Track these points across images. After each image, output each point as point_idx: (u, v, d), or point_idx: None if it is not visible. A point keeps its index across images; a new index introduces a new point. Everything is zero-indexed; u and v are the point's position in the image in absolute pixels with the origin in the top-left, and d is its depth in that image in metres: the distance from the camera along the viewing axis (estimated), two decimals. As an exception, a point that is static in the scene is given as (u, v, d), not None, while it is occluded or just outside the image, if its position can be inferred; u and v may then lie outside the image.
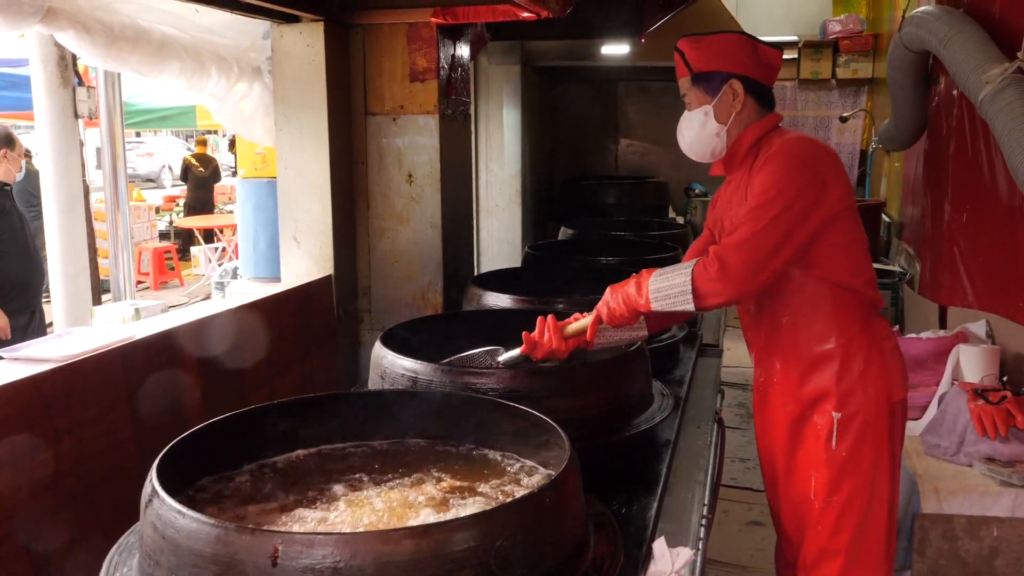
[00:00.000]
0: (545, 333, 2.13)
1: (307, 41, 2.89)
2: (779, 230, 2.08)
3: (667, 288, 2.10)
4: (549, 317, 2.16)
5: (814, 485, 2.26)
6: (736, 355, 5.47)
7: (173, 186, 17.38)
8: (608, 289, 2.20)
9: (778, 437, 2.36)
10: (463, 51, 3.23)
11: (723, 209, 2.36)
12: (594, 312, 2.18)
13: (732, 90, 2.24)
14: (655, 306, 2.12)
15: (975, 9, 2.90)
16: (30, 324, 4.75)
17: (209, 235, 11.25)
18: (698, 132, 2.29)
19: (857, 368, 2.20)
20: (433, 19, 2.93)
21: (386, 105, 3.06)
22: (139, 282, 10.60)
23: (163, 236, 12.66)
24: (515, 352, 2.13)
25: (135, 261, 10.53)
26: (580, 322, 2.19)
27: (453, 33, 3.11)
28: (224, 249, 10.42)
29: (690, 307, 2.09)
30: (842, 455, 2.20)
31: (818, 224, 2.13)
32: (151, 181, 20.77)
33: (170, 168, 21.04)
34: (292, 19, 2.87)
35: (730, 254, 2.08)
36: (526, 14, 2.83)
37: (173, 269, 11.14)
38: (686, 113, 2.32)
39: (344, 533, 1.22)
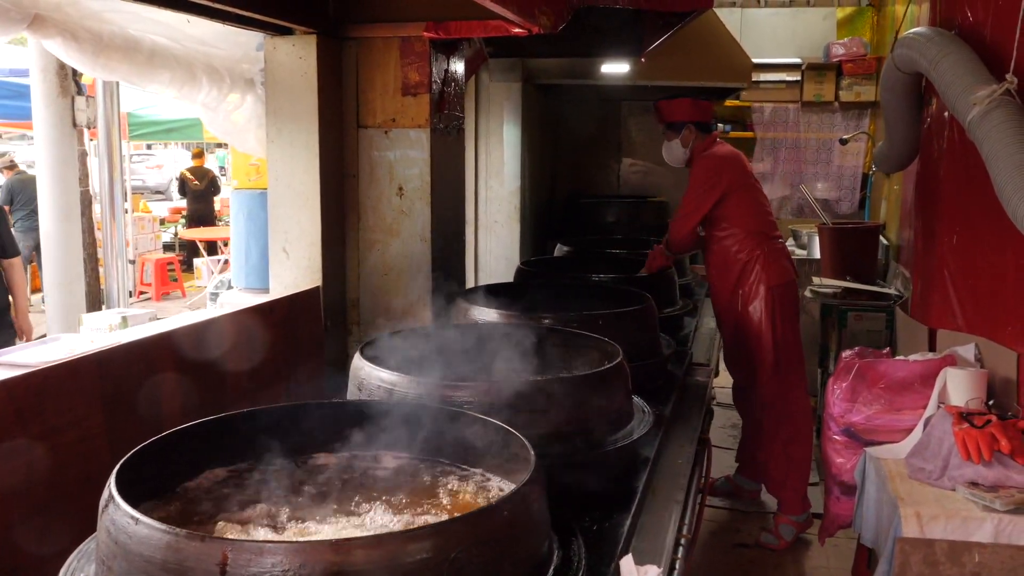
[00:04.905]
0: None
1: (300, 54, 2.90)
2: (692, 210, 4.13)
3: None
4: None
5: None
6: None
7: (181, 198, 17.48)
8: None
9: (723, 309, 4.28)
10: (457, 66, 3.24)
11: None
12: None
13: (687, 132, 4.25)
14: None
15: (967, 31, 2.90)
16: None
17: (213, 247, 11.29)
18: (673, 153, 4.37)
19: (754, 265, 4.10)
20: (426, 33, 2.94)
21: (378, 118, 3.07)
22: (141, 292, 10.64)
23: (168, 247, 12.71)
24: None
25: (139, 272, 10.62)
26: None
27: (446, 48, 3.12)
28: (226, 261, 10.45)
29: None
30: (747, 306, 4.14)
31: (715, 201, 4.10)
32: (160, 193, 20.85)
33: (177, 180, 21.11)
34: (285, 31, 2.89)
35: (673, 227, 4.22)
36: (517, 30, 2.84)
37: (176, 280, 11.17)
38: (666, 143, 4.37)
39: (294, 542, 1.21)
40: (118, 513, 1.25)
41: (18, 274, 4.64)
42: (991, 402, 2.71)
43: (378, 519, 1.44)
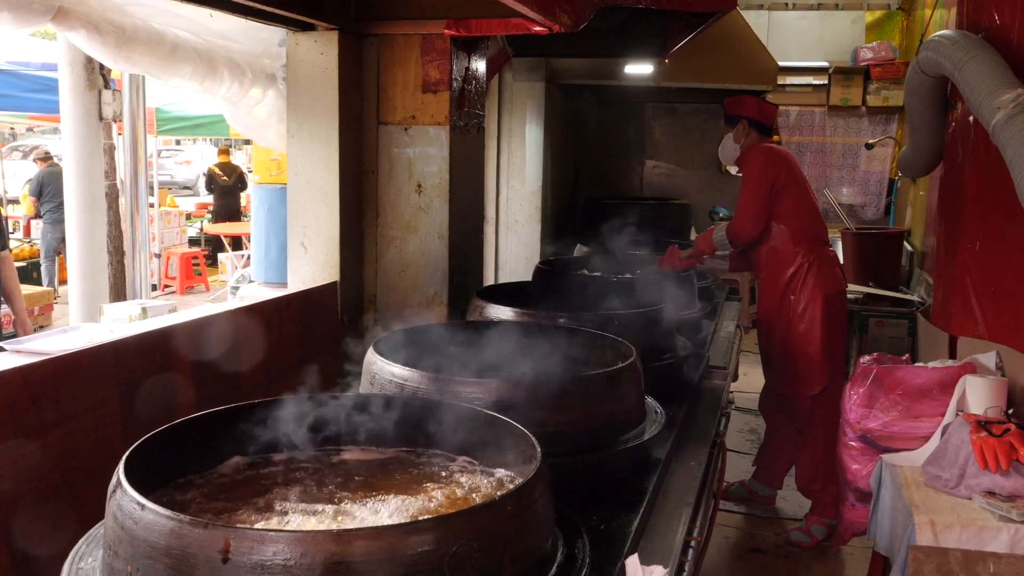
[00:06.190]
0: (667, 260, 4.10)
1: (321, 49, 2.92)
2: (754, 204, 4.09)
3: (719, 237, 4.15)
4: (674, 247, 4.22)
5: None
6: (753, 381, 5.41)
7: (209, 194, 17.63)
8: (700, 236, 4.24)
9: (771, 313, 4.22)
10: (478, 64, 3.25)
11: None
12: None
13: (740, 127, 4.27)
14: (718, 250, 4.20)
15: (994, 34, 2.85)
16: None
17: (238, 242, 11.38)
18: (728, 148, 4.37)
19: (807, 271, 4.06)
20: (446, 31, 2.95)
21: (398, 115, 3.08)
22: (166, 286, 10.75)
23: (194, 242, 12.83)
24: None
25: (164, 266, 10.72)
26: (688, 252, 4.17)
27: (467, 45, 3.12)
28: (250, 256, 10.53)
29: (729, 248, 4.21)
30: (798, 312, 4.10)
31: (774, 190, 4.08)
32: (187, 188, 21.03)
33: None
34: (307, 27, 2.91)
35: (736, 220, 4.13)
36: (538, 28, 2.84)
37: (200, 274, 11.27)
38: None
39: (296, 531, 1.22)
40: (125, 499, 1.26)
41: (7, 268, 4.19)
42: (1011, 411, 2.68)
43: (381, 511, 1.45)
